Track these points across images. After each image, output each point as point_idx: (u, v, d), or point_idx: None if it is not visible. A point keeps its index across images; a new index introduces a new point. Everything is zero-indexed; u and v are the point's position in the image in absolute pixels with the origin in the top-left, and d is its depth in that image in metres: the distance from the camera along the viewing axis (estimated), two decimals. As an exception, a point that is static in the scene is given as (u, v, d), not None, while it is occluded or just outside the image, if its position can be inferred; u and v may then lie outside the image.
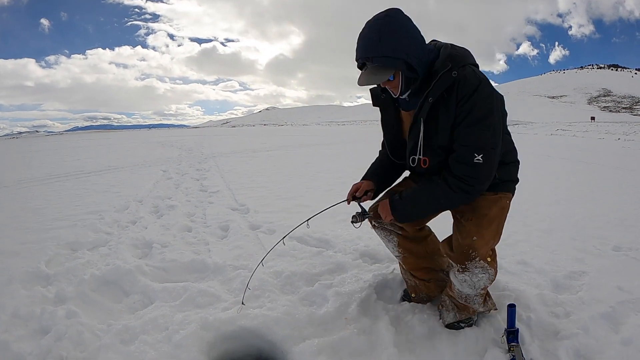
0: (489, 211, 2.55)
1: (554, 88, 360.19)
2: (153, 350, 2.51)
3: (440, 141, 2.42)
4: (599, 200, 6.44)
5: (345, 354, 2.56)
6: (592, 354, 2.42)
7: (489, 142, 2.33)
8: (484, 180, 2.38)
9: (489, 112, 2.32)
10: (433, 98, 2.33)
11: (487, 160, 2.32)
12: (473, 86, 2.29)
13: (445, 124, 2.37)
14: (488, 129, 2.32)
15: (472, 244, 2.50)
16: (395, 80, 2.37)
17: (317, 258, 4.01)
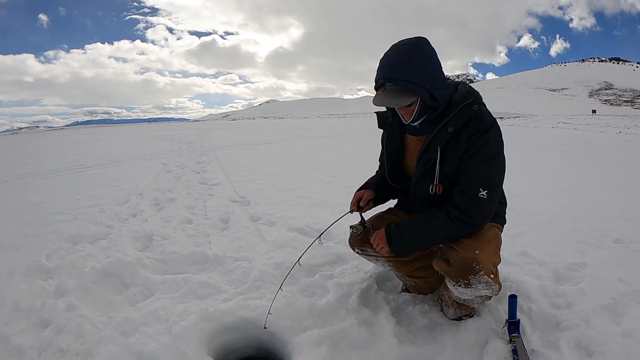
0: (487, 232, 2.50)
1: (555, 81, 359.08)
2: (153, 342, 2.50)
3: (446, 170, 2.42)
4: (599, 193, 6.41)
5: (345, 344, 2.56)
6: (593, 345, 2.41)
7: (495, 180, 2.39)
8: (484, 215, 2.40)
9: (498, 152, 2.39)
10: (453, 128, 2.35)
11: (491, 196, 2.36)
12: (488, 124, 2.35)
13: (454, 155, 2.39)
14: (496, 167, 2.39)
15: (476, 257, 2.34)
16: (412, 107, 2.36)
17: (317, 249, 3.98)
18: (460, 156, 2.38)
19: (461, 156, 2.37)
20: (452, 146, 2.38)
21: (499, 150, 2.39)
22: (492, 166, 2.37)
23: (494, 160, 2.37)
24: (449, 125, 2.35)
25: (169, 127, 38.66)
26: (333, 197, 6.30)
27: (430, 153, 2.44)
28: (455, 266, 2.38)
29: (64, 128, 72.69)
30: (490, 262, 2.38)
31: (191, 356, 2.40)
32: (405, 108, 2.39)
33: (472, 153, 2.34)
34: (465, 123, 2.35)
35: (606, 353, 2.31)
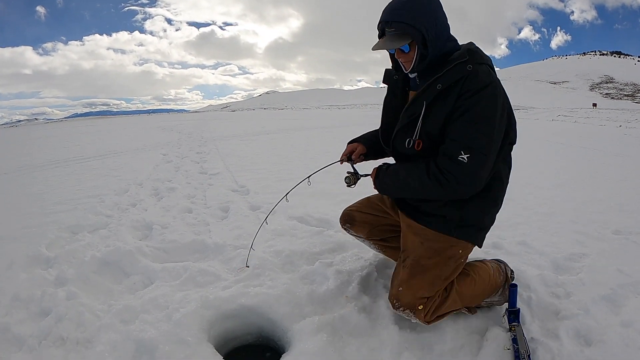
0: (427, 261, 2.46)
1: (555, 74, 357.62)
2: (153, 329, 2.50)
3: (429, 127, 2.33)
4: (599, 185, 6.41)
5: (345, 331, 2.56)
6: (592, 334, 2.41)
7: (480, 145, 2.21)
8: (462, 181, 2.23)
9: (489, 115, 2.22)
10: (442, 85, 2.27)
11: (473, 162, 2.20)
12: (481, 84, 2.21)
13: (440, 113, 2.29)
14: (483, 131, 2.22)
15: (397, 294, 2.46)
16: (410, 53, 2.33)
17: (317, 237, 4.00)
18: (447, 116, 2.27)
19: (448, 116, 2.27)
20: (439, 104, 2.29)
21: (489, 114, 2.22)
22: (480, 129, 2.20)
23: (481, 123, 2.21)
24: (438, 82, 2.27)
25: (169, 118, 38.61)
26: (332, 187, 6.27)
27: (415, 107, 2.38)
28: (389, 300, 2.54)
29: (63, 120, 72.55)
30: (415, 298, 2.42)
31: (191, 343, 2.40)
32: (404, 55, 2.35)
33: (460, 113, 2.23)
34: (456, 81, 2.24)
35: (605, 342, 2.31)
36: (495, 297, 2.73)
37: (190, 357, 2.30)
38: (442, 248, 2.47)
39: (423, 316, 2.44)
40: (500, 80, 2.31)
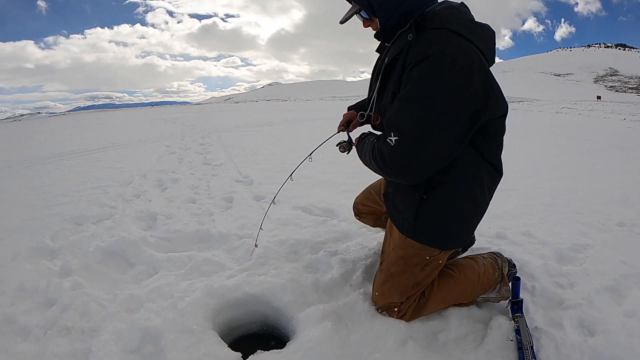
0: (395, 268, 2.44)
1: (560, 66, 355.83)
2: (158, 317, 2.50)
3: (385, 102, 2.20)
4: (603, 177, 6.37)
5: (350, 319, 2.55)
6: (595, 324, 2.41)
7: (409, 129, 1.95)
8: (389, 164, 2.05)
9: (423, 94, 1.92)
10: (388, 58, 2.13)
11: (401, 147, 1.97)
12: (421, 55, 1.92)
13: (390, 88, 2.14)
14: (415, 112, 1.92)
15: (374, 298, 2.59)
16: (373, 22, 2.21)
17: (321, 227, 4.00)
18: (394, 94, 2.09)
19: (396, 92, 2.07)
20: (388, 78, 2.15)
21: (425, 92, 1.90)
22: (407, 109, 1.94)
23: (414, 102, 1.92)
24: (387, 55, 2.16)
25: (171, 111, 38.51)
26: (336, 177, 6.27)
27: (373, 82, 2.35)
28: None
29: (66, 113, 72.49)
30: (389, 301, 2.48)
31: (196, 331, 2.40)
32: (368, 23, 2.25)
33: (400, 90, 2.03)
34: (399, 53, 2.05)
35: (609, 332, 2.31)
36: (491, 294, 2.65)
37: (195, 345, 2.30)
38: (408, 255, 2.39)
39: (399, 317, 2.50)
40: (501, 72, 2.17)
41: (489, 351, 2.36)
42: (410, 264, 2.39)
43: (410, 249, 2.36)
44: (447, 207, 2.24)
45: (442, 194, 2.21)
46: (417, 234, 2.31)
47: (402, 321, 2.50)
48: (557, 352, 2.26)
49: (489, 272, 2.62)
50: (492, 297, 2.66)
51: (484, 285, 2.60)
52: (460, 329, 2.52)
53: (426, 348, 2.40)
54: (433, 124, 1.92)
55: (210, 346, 2.31)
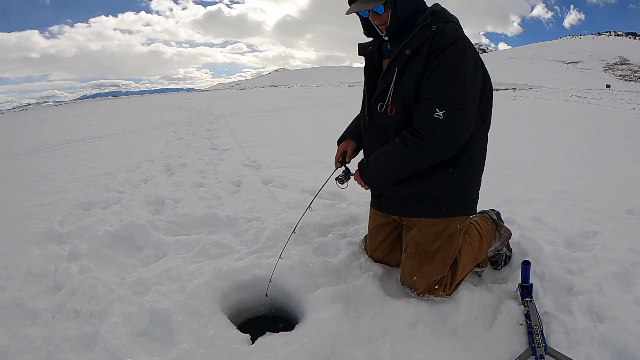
0: (431, 246, 2.50)
1: (569, 53, 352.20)
2: (167, 300, 2.50)
3: (404, 91, 2.33)
4: (612, 166, 6.30)
5: (359, 301, 2.54)
6: (605, 311, 2.40)
7: (455, 100, 2.19)
8: (442, 138, 2.23)
9: (459, 70, 2.20)
10: (410, 50, 2.26)
11: (449, 118, 2.19)
12: (448, 40, 2.19)
13: (413, 75, 2.28)
14: (457, 86, 2.20)
15: (413, 284, 2.54)
16: (384, 15, 2.33)
17: (330, 210, 3.97)
18: (419, 79, 2.27)
19: (419, 78, 2.26)
20: (410, 68, 2.28)
21: (460, 69, 2.20)
22: (452, 84, 2.19)
23: (453, 77, 2.19)
24: (407, 47, 2.27)
25: (178, 97, 38.56)
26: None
27: (389, 74, 2.37)
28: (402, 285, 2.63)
29: (73, 102, 72.70)
30: (430, 282, 2.50)
31: (205, 313, 2.39)
32: (379, 17, 2.35)
33: (430, 71, 2.22)
34: (423, 44, 2.23)
35: (618, 319, 2.30)
36: (496, 243, 2.84)
37: (204, 327, 2.29)
38: (441, 230, 2.50)
39: (442, 294, 2.51)
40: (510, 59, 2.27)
41: (499, 335, 2.35)
42: (446, 235, 2.50)
43: (443, 223, 2.49)
44: (470, 173, 2.47)
45: (464, 163, 2.41)
46: (452, 209, 2.48)
47: (411, 304, 2.50)
48: (566, 337, 2.25)
49: (484, 225, 2.83)
50: (498, 244, 2.87)
51: (488, 238, 2.77)
52: (470, 312, 2.51)
53: (436, 331, 2.38)
54: (468, 93, 2.22)
55: (219, 328, 2.30)
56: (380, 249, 2.88)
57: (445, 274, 2.53)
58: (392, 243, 2.86)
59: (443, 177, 2.41)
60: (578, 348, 2.17)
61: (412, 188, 2.50)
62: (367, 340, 2.28)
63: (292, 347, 2.15)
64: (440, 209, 2.46)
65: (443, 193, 2.44)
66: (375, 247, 2.90)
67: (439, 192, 2.44)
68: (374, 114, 2.50)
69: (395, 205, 2.63)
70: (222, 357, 2.11)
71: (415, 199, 2.51)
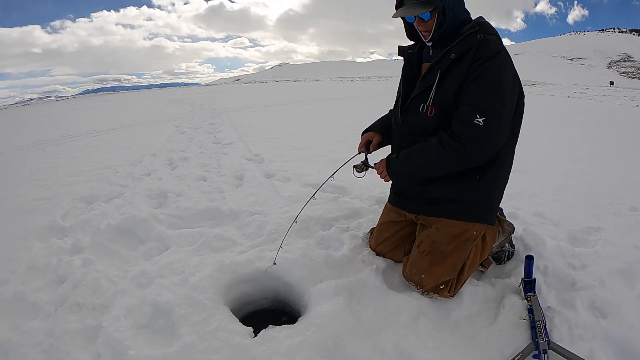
0: (446, 247, 2.53)
1: (573, 49, 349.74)
2: (169, 293, 2.50)
3: (445, 94, 2.37)
4: (615, 162, 6.27)
5: (362, 295, 2.54)
6: (607, 306, 2.40)
7: (495, 108, 2.25)
8: (480, 144, 2.29)
9: (500, 80, 2.27)
10: (456, 54, 2.31)
11: (488, 125, 2.24)
12: (493, 51, 2.26)
13: (455, 80, 2.33)
14: (498, 95, 2.26)
15: (420, 282, 2.56)
16: (429, 22, 2.38)
17: (333, 204, 3.96)
18: (461, 83, 2.32)
19: (462, 83, 2.32)
20: (453, 72, 2.34)
21: (502, 79, 2.28)
22: (493, 93, 2.26)
23: (495, 87, 2.26)
24: (452, 51, 2.32)
25: (180, 92, 38.45)
26: (348, 155, 6.17)
27: (430, 76, 2.42)
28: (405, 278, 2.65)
29: (75, 97, 72.57)
30: (437, 282, 2.52)
31: (207, 306, 2.39)
32: (424, 24, 2.40)
33: (473, 79, 2.27)
34: (468, 50, 2.29)
35: (621, 315, 2.30)
36: (500, 238, 2.84)
37: (207, 320, 2.29)
38: (459, 233, 2.53)
39: (447, 294, 2.53)
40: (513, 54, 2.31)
41: (502, 330, 2.36)
42: (462, 239, 2.54)
43: (462, 226, 2.53)
44: (496, 182, 2.56)
45: (492, 171, 2.48)
46: (474, 215, 2.53)
47: (415, 297, 2.51)
48: (569, 332, 2.26)
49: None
50: (502, 239, 2.86)
51: (492, 235, 2.74)
52: (473, 306, 2.52)
53: (438, 325, 2.39)
54: (506, 103, 2.29)
55: (222, 321, 2.30)
56: (385, 244, 2.89)
57: (454, 277, 2.55)
58: (398, 241, 2.87)
59: (470, 183, 2.47)
60: (581, 343, 2.18)
61: (439, 190, 2.55)
62: (370, 334, 2.28)
63: (295, 340, 2.15)
64: (463, 213, 2.51)
65: (468, 198, 2.51)
66: (380, 241, 2.91)
67: (464, 197, 2.51)
68: (410, 113, 2.54)
69: (417, 204, 2.67)
70: (225, 350, 2.12)
71: (440, 201, 2.56)
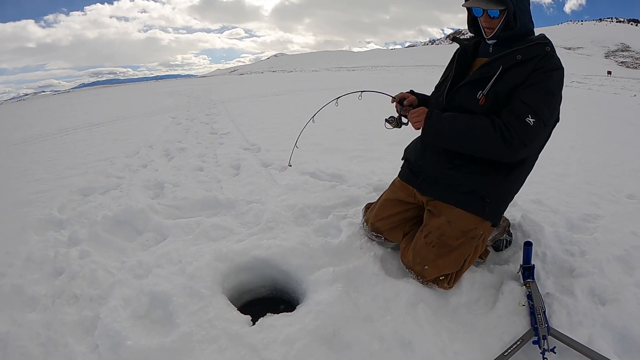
0: (454, 242, 2.55)
1: (570, 39, 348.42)
2: (167, 282, 2.50)
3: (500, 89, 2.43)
4: (613, 151, 6.30)
5: (360, 281, 2.54)
6: (606, 293, 2.42)
7: (544, 115, 2.33)
8: (524, 141, 2.34)
9: (555, 93, 2.37)
10: (522, 57, 2.38)
11: (537, 127, 2.32)
12: (555, 65, 2.37)
13: (513, 79, 2.40)
14: (550, 105, 2.35)
15: (422, 272, 2.56)
16: (496, 20, 2.44)
17: (330, 192, 3.96)
18: (518, 84, 2.38)
19: (518, 85, 2.38)
20: (513, 72, 2.40)
21: (556, 92, 2.38)
22: (547, 102, 2.34)
23: (550, 97, 2.35)
24: (518, 52, 2.40)
25: (176, 84, 38.32)
26: (345, 144, 6.24)
27: (490, 67, 2.46)
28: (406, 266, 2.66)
29: (71, 91, 72.33)
30: (440, 274, 2.54)
31: (205, 295, 2.38)
32: (490, 20, 2.46)
33: (532, 83, 2.35)
34: (533, 57, 2.37)
35: (620, 301, 2.31)
36: (494, 232, 2.88)
37: (204, 309, 2.29)
38: (468, 229, 2.55)
39: (446, 285, 2.56)
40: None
41: (501, 316, 2.36)
42: (470, 236, 2.57)
43: (473, 223, 2.56)
44: (514, 187, 2.64)
45: (517, 173, 2.58)
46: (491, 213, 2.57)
47: (413, 284, 2.52)
48: (569, 319, 2.26)
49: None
50: (496, 233, 2.94)
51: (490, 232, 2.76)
52: (472, 293, 2.53)
53: (437, 311, 2.39)
54: (553, 115, 2.40)
55: (220, 309, 2.30)
56: (386, 221, 2.88)
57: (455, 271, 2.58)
58: (400, 222, 2.87)
59: (496, 179, 2.53)
60: (580, 329, 2.19)
61: (463, 177, 2.57)
62: (369, 321, 2.28)
63: (293, 327, 2.15)
64: (483, 209, 2.55)
65: (489, 192, 2.54)
66: (381, 217, 2.90)
67: (485, 191, 2.54)
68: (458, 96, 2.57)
69: (434, 187, 2.68)
70: (223, 338, 2.11)
71: (461, 189, 2.57)
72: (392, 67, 69.62)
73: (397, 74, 37.66)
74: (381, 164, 5.00)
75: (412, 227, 2.83)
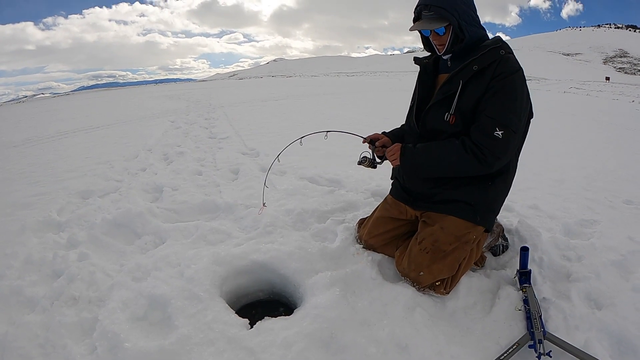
0: (448, 247, 2.56)
1: (569, 45, 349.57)
2: (165, 285, 2.50)
3: (462, 104, 2.46)
4: (610, 156, 6.33)
5: (358, 286, 2.55)
6: (603, 298, 2.43)
7: (513, 123, 2.36)
8: (498, 155, 2.39)
9: (518, 97, 2.39)
10: (478, 66, 2.41)
11: (507, 138, 2.35)
12: (513, 69, 2.39)
13: (475, 91, 2.42)
14: (515, 111, 2.37)
15: (418, 278, 2.57)
16: (444, 36, 2.49)
17: (328, 197, 3.97)
18: (480, 96, 2.41)
19: (481, 96, 2.41)
20: (473, 83, 2.42)
21: (519, 96, 2.39)
22: (512, 109, 2.36)
23: (513, 103, 2.37)
24: (474, 63, 2.41)
25: (176, 88, 38.36)
26: (343, 149, 6.26)
27: (451, 84, 2.49)
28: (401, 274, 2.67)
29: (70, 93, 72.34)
30: (435, 279, 2.55)
31: (203, 298, 2.39)
32: (438, 38, 2.52)
33: (493, 93, 2.37)
34: (490, 64, 2.39)
35: (616, 306, 2.32)
36: (489, 239, 2.93)
37: (202, 312, 2.30)
38: (461, 234, 2.58)
39: (443, 291, 2.57)
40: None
41: (497, 320, 2.37)
42: (463, 241, 2.59)
43: (465, 228, 2.59)
44: (503, 189, 2.66)
45: (501, 179, 2.60)
46: (482, 218, 2.60)
47: (410, 289, 2.54)
48: (565, 323, 2.27)
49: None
50: (491, 240, 2.97)
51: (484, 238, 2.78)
52: (469, 297, 2.54)
53: (434, 316, 2.40)
54: (521, 118, 2.42)
55: (218, 313, 2.30)
56: (379, 238, 2.91)
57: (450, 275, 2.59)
58: (392, 238, 2.90)
59: (481, 188, 2.56)
60: (576, 334, 2.19)
61: (451, 193, 2.62)
62: (366, 325, 2.28)
63: (290, 331, 2.16)
64: (475, 215, 2.58)
65: (477, 200, 2.58)
66: (374, 234, 2.91)
67: (474, 200, 2.57)
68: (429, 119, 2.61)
69: (425, 202, 2.72)
70: (221, 341, 2.12)
71: (450, 202, 2.62)
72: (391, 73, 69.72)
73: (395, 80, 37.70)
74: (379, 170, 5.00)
75: (405, 242, 2.85)
